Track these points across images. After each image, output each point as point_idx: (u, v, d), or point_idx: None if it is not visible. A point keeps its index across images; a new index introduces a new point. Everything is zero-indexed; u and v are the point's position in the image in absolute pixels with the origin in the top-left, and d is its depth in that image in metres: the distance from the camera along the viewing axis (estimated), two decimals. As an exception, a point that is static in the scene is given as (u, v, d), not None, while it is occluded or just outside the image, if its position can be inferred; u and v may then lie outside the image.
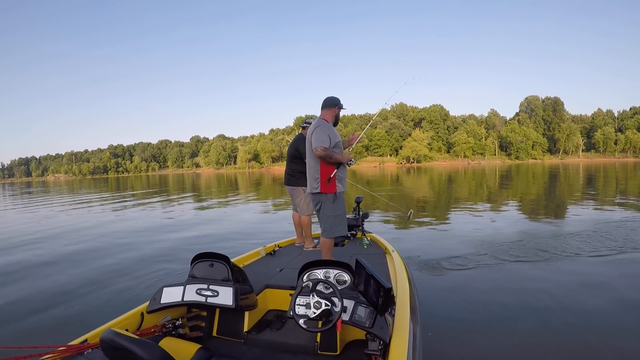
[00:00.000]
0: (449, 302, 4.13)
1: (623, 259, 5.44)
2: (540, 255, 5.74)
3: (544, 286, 4.43)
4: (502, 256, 5.80)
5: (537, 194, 16.50)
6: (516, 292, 4.32)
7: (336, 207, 3.51)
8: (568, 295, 4.12)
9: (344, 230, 3.57)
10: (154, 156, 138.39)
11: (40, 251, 7.88)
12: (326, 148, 3.34)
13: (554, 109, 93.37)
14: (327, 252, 3.57)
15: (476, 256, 5.83)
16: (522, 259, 5.66)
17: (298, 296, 2.23)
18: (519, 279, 4.78)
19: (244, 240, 7.78)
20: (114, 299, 4.71)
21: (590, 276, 4.74)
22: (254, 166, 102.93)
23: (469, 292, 4.36)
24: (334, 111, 3.60)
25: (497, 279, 4.80)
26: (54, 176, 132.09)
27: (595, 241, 6.43)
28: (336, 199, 3.50)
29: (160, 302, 2.51)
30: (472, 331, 3.46)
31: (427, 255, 5.99)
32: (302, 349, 2.52)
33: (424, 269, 5.29)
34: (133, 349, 1.57)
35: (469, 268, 5.27)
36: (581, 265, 5.20)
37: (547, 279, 4.68)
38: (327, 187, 3.48)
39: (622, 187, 17.94)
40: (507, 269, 5.18)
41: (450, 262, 5.60)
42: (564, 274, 4.84)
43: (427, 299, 4.14)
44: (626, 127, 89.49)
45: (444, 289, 4.54)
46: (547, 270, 5.06)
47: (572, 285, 4.42)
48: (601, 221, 8.24)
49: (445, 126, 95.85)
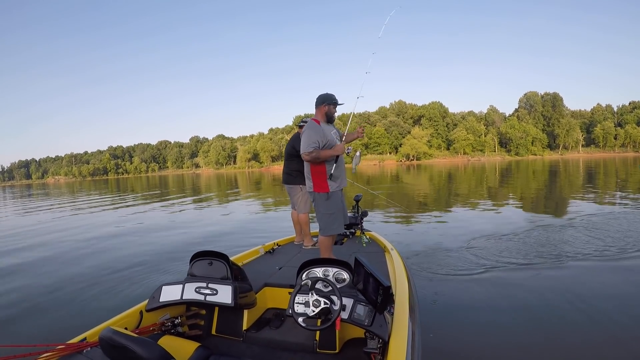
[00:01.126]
0: (448, 300, 4.13)
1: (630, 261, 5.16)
2: (544, 254, 5.67)
3: (545, 285, 4.42)
4: (503, 254, 5.80)
5: (537, 191, 16.49)
6: (516, 291, 4.31)
7: (330, 206, 3.50)
8: (570, 297, 4.04)
9: (339, 228, 3.55)
10: (154, 157, 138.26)
11: (47, 252, 7.89)
12: (310, 152, 3.33)
13: (553, 105, 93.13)
14: (325, 250, 3.57)
15: (476, 256, 5.83)
16: (524, 257, 5.65)
17: (297, 294, 2.24)
18: (519, 278, 4.77)
19: (243, 239, 7.79)
20: (113, 297, 4.72)
21: (593, 277, 4.68)
22: (254, 166, 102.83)
23: (468, 291, 4.36)
24: (324, 109, 3.53)
25: (497, 278, 4.78)
26: (54, 178, 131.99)
27: (598, 240, 6.30)
28: (329, 198, 3.48)
29: (159, 300, 2.51)
30: (471, 330, 3.46)
31: (427, 253, 5.99)
32: (301, 347, 2.53)
33: (423, 267, 5.28)
34: (132, 347, 1.58)
35: (469, 267, 5.27)
36: (584, 267, 5.10)
37: (548, 279, 4.64)
38: (319, 187, 3.49)
39: (623, 182, 17.92)
40: (507, 269, 5.16)
41: (450, 260, 5.60)
42: (567, 275, 4.77)
43: (426, 297, 4.15)
44: (625, 121, 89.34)
45: (443, 286, 4.53)
46: (548, 270, 5.01)
47: (575, 287, 4.32)
48: (603, 215, 8.24)
49: (445, 123, 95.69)
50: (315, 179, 3.49)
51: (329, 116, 3.56)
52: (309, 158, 3.37)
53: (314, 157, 3.36)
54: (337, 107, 3.61)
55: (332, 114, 3.57)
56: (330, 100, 3.52)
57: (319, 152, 3.37)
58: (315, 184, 3.50)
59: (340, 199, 3.59)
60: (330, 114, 3.56)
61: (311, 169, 3.50)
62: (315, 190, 3.51)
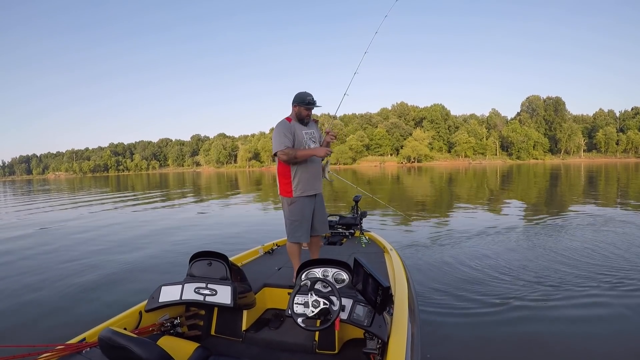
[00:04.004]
0: (448, 301, 4.13)
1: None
2: (545, 258, 5.67)
3: (547, 290, 4.41)
4: (503, 256, 5.80)
5: (538, 196, 16.49)
6: (516, 294, 4.30)
7: (292, 212, 3.26)
8: (575, 302, 4.01)
9: (303, 237, 3.29)
10: (155, 154, 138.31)
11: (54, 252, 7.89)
12: (284, 151, 3.10)
13: (556, 109, 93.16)
14: (291, 256, 3.39)
15: (477, 257, 5.83)
16: (523, 259, 5.65)
17: (296, 295, 2.24)
18: (520, 280, 4.76)
19: (242, 239, 7.79)
20: (112, 297, 4.73)
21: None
22: (255, 165, 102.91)
23: (468, 292, 4.36)
24: (294, 109, 3.26)
25: (498, 281, 4.78)
26: (55, 174, 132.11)
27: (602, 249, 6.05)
28: (292, 203, 3.25)
29: (158, 300, 2.51)
30: (470, 332, 3.46)
31: (426, 255, 5.99)
32: (301, 348, 2.53)
33: (423, 268, 5.28)
34: (131, 347, 1.58)
35: (470, 269, 5.26)
36: (591, 272, 5.03)
37: (551, 284, 4.62)
38: (283, 190, 3.29)
39: (624, 190, 17.90)
40: (507, 271, 5.16)
41: (450, 261, 5.60)
42: (573, 281, 4.69)
43: (425, 298, 4.15)
44: (628, 127, 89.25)
45: (442, 287, 4.54)
46: (550, 275, 5.01)
47: (581, 293, 4.24)
48: (606, 222, 8.23)
49: (446, 126, 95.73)
50: (281, 181, 3.29)
51: (299, 117, 3.26)
52: (286, 157, 3.12)
53: (290, 157, 3.12)
54: (310, 108, 3.27)
55: (302, 115, 3.25)
56: (300, 101, 3.22)
57: (296, 151, 3.14)
58: (281, 186, 3.30)
59: (306, 207, 3.27)
60: (300, 115, 3.25)
61: (278, 170, 3.29)
62: (280, 193, 3.32)
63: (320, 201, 3.44)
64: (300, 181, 3.23)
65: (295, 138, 3.18)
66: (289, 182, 3.24)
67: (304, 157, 3.18)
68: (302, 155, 3.16)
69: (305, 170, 3.24)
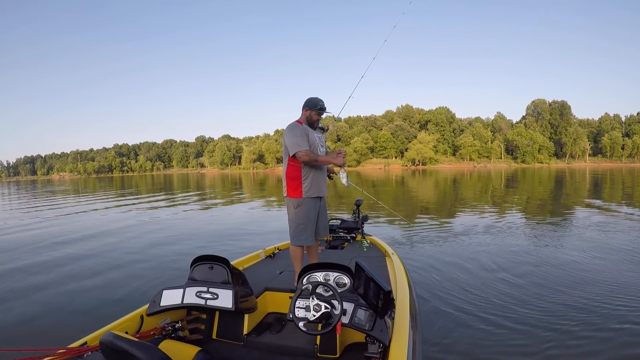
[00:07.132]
0: (449, 305, 4.11)
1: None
2: (550, 264, 5.63)
3: (551, 298, 4.37)
4: (506, 261, 5.77)
5: (543, 201, 16.39)
6: (519, 300, 4.28)
7: (299, 214, 3.25)
8: (581, 313, 3.91)
9: (308, 240, 3.29)
10: (159, 156, 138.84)
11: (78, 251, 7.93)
12: (307, 152, 3.12)
13: (561, 113, 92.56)
14: (294, 261, 3.36)
15: (480, 261, 5.81)
16: (528, 264, 5.62)
17: (298, 299, 2.24)
18: (523, 287, 4.73)
19: (244, 243, 7.80)
20: (113, 301, 4.74)
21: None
22: (259, 167, 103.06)
23: (470, 296, 4.35)
24: (305, 113, 3.31)
25: (501, 286, 4.76)
26: (59, 175, 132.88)
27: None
28: (299, 205, 3.24)
29: (160, 304, 2.52)
30: (472, 337, 3.44)
31: (428, 259, 5.97)
32: (302, 352, 2.53)
33: (424, 272, 5.26)
34: (133, 351, 1.58)
35: (472, 274, 5.24)
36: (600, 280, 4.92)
37: (554, 293, 4.56)
38: (291, 192, 3.28)
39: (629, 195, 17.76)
40: (508, 275, 5.14)
41: (452, 266, 5.58)
42: (580, 294, 4.47)
43: (427, 302, 4.14)
44: (633, 132, 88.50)
45: (444, 292, 4.52)
46: (552, 281, 4.97)
47: (590, 306, 4.06)
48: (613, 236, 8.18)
49: (451, 129, 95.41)
50: (289, 183, 3.28)
51: (309, 121, 3.32)
52: (307, 159, 3.12)
53: (312, 159, 3.13)
54: (321, 114, 3.33)
55: (312, 120, 3.31)
56: (312, 105, 3.28)
57: (317, 155, 3.18)
58: (289, 188, 3.29)
59: (312, 209, 3.29)
60: (310, 120, 3.31)
61: (287, 172, 3.29)
62: (287, 195, 3.30)
63: (324, 205, 3.48)
64: (312, 182, 3.27)
65: (309, 141, 3.23)
66: (298, 183, 3.25)
67: (324, 163, 3.27)
68: (323, 160, 3.23)
69: (316, 172, 3.30)
